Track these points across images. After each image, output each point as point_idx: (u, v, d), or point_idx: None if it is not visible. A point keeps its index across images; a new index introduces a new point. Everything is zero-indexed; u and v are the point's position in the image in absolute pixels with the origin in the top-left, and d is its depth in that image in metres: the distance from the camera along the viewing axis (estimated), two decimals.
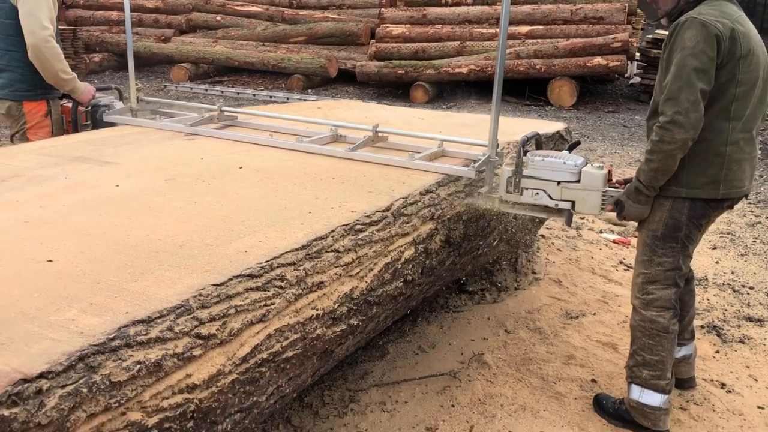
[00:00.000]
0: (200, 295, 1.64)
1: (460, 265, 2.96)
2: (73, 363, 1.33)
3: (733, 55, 2.39)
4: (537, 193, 2.75)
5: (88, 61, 13.03)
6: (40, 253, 1.85)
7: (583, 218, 5.48)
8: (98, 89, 3.83)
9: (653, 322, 2.66)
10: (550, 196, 2.73)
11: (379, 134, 3.23)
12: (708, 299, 4.06)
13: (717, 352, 3.45)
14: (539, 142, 2.97)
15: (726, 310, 3.92)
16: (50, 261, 1.80)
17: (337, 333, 2.03)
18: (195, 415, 1.55)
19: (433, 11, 11.93)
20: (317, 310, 1.93)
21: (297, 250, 1.96)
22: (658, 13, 2.64)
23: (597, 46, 10.48)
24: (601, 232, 5.17)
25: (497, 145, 2.89)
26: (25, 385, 1.24)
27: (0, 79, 3.61)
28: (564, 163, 2.71)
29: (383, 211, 2.35)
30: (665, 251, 2.62)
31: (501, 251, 3.94)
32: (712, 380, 3.16)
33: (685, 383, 3.06)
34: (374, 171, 2.84)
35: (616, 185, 2.73)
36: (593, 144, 8.36)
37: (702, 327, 3.68)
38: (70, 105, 3.76)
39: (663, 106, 2.43)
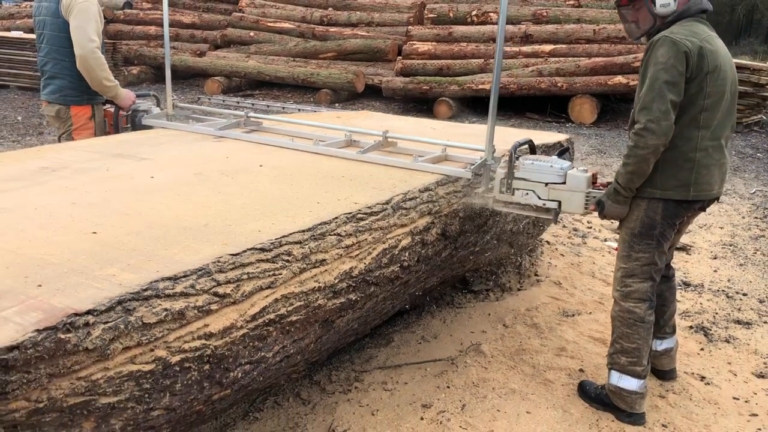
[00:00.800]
0: (218, 261, 1.96)
1: (458, 258, 3.25)
2: (113, 305, 1.65)
3: (701, 70, 2.66)
4: (527, 194, 3.03)
5: (126, 73, 13.63)
6: (86, 227, 2.19)
7: (590, 227, 5.72)
8: (138, 95, 4.22)
9: (630, 313, 2.91)
10: (538, 196, 3.01)
11: (389, 139, 3.54)
12: (701, 303, 4.28)
13: (702, 349, 3.67)
14: (533, 148, 3.25)
15: (717, 313, 4.13)
16: (94, 233, 2.14)
17: (336, 305, 2.33)
18: (210, 359, 1.86)
19: (459, 29, 12.27)
20: (319, 283, 2.24)
21: (303, 231, 2.27)
22: (639, 32, 2.92)
23: (618, 65, 10.70)
24: (605, 240, 5.41)
25: (494, 150, 3.18)
26: (77, 317, 1.56)
27: (51, 85, 4.03)
28: (551, 166, 2.98)
29: (383, 203, 2.65)
30: (642, 247, 2.88)
31: (504, 253, 4.22)
32: (693, 373, 3.39)
33: (666, 375, 3.29)
34: (380, 171, 3.15)
35: (600, 188, 3.00)
36: (609, 159, 8.57)
37: (690, 327, 3.90)
38: (112, 110, 4.15)
39: (638, 115, 2.71)
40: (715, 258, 5.16)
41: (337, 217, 2.43)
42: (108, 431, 1.65)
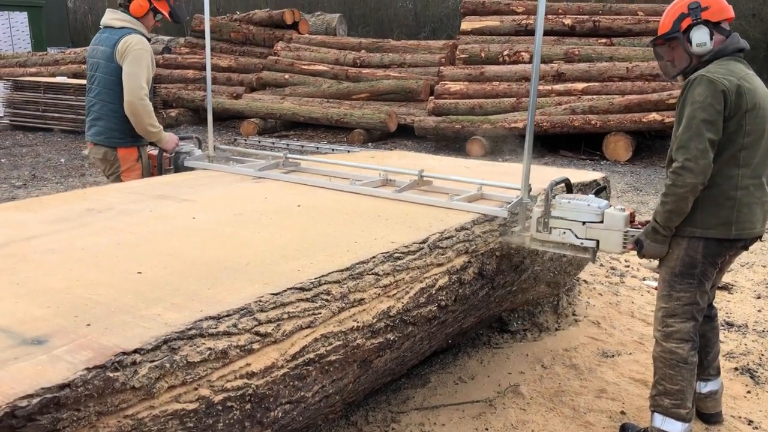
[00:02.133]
0: (260, 301, 2.00)
1: (495, 298, 3.23)
2: (160, 344, 1.69)
3: (739, 108, 2.65)
4: (564, 233, 3.02)
5: (165, 115, 14.00)
6: (132, 267, 2.25)
7: (627, 265, 5.65)
8: (181, 138, 4.34)
9: (673, 353, 2.86)
10: (576, 235, 3.00)
11: (424, 178, 3.57)
12: (745, 344, 4.17)
13: (748, 392, 3.56)
14: (569, 186, 3.25)
15: (762, 354, 4.02)
16: (140, 273, 2.19)
17: (375, 344, 2.33)
18: (252, 399, 1.88)
19: (491, 69, 12.38)
20: (358, 322, 2.25)
21: (342, 270, 2.30)
22: (674, 71, 2.92)
23: (652, 102, 10.65)
24: (644, 279, 5.33)
25: (530, 189, 3.18)
26: (124, 356, 1.60)
27: (96, 127, 4.17)
28: (588, 205, 2.98)
29: (420, 243, 2.67)
30: (683, 287, 2.84)
31: (541, 292, 4.18)
32: (740, 417, 3.29)
33: (711, 418, 3.20)
34: (416, 210, 3.18)
35: (638, 226, 2.98)
36: (645, 197, 8.48)
37: (735, 369, 3.80)
38: (155, 152, 4.27)
39: (675, 154, 2.70)
40: (759, 297, 5.04)
41: (374, 257, 2.45)
42: None
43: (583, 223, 2.98)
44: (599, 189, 3.29)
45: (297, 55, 15.21)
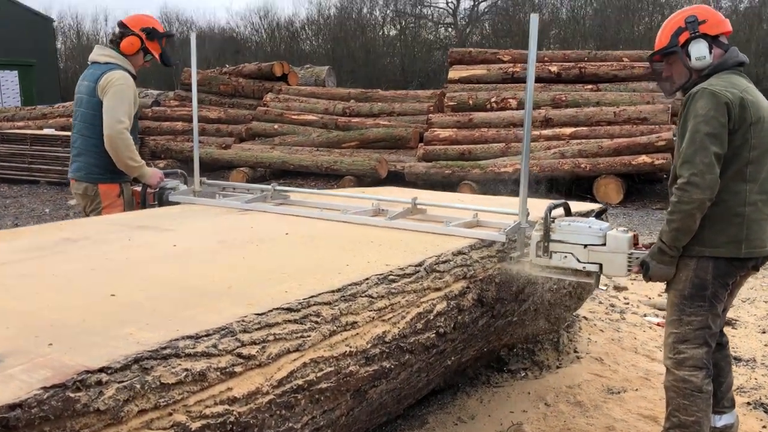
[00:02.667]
0: (243, 321, 1.83)
1: (495, 328, 3.06)
2: (129, 363, 1.51)
3: (744, 121, 2.55)
4: (565, 257, 2.87)
5: (153, 165, 13.88)
6: (105, 290, 2.07)
7: (627, 303, 5.49)
8: (166, 174, 4.20)
9: (686, 382, 2.68)
10: (577, 259, 2.85)
11: (418, 206, 3.44)
12: (756, 379, 3.99)
13: (764, 427, 3.37)
14: (568, 210, 3.12)
15: None
16: (113, 295, 2.02)
17: (369, 372, 2.15)
18: (234, 428, 1.69)
19: (479, 115, 12.42)
20: (351, 347, 2.08)
21: (333, 291, 2.13)
22: (673, 87, 2.84)
23: (641, 144, 10.67)
24: (645, 315, 5.16)
25: (528, 214, 3.05)
26: (88, 375, 1.42)
27: (78, 162, 4.04)
28: (589, 227, 2.84)
29: (416, 265, 2.52)
30: (693, 310, 2.68)
31: (541, 328, 4.01)
32: None
33: None
34: (411, 236, 3.03)
35: (643, 249, 2.84)
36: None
37: (748, 404, 3.61)
38: (139, 189, 4.13)
39: (680, 170, 2.58)
40: (764, 332, 4.87)
41: (368, 278, 2.29)
42: None
43: (585, 246, 2.84)
44: (599, 212, 3.17)
45: (286, 106, 15.25)
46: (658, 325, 4.91)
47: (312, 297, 2.06)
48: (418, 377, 2.58)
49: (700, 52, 2.67)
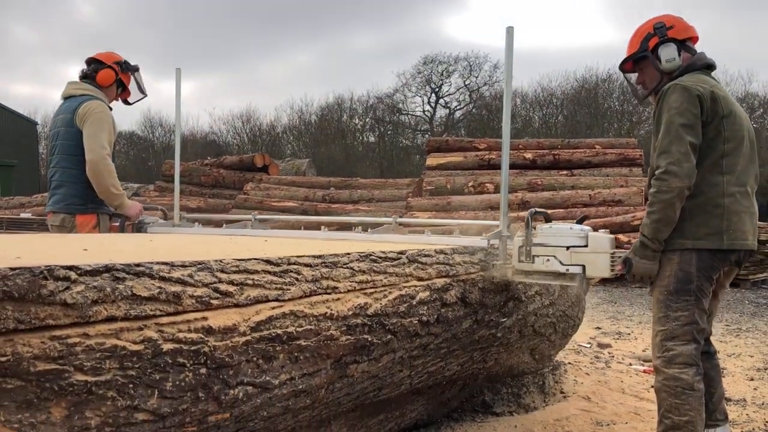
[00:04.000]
0: (221, 261, 1.77)
1: (479, 338, 2.98)
2: (100, 270, 1.45)
3: (716, 114, 2.63)
4: (548, 260, 2.84)
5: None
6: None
7: (612, 355, 5.39)
8: (146, 208, 4.15)
9: (677, 380, 2.60)
10: (560, 262, 2.82)
11: (400, 225, 3.43)
12: (747, 414, 3.88)
13: None
14: (548, 218, 3.12)
15: (767, 422, 3.72)
16: (85, 250, 1.95)
17: (351, 341, 2.07)
18: (208, 362, 1.59)
19: (457, 199, 12.61)
20: (331, 310, 2.00)
21: (314, 256, 2.08)
22: (645, 92, 2.93)
23: (617, 224, 10.84)
24: (630, 365, 5.06)
25: (509, 223, 3.05)
26: (56, 267, 1.35)
27: (57, 195, 3.98)
28: (571, 228, 2.84)
29: (398, 252, 2.48)
30: (680, 305, 2.64)
31: (525, 362, 3.91)
32: None
33: None
34: (392, 244, 3.00)
35: (625, 250, 2.83)
36: (621, 308, 8.35)
37: None
38: (117, 224, 4.06)
39: (657, 161, 2.62)
40: (752, 380, 4.79)
41: (349, 253, 2.25)
42: (82, 426, 1.36)
43: (567, 248, 2.83)
44: (581, 219, 3.17)
45: (267, 194, 15.39)
46: (644, 372, 4.81)
47: (292, 256, 2.00)
48: (401, 371, 2.48)
49: (669, 54, 2.78)
